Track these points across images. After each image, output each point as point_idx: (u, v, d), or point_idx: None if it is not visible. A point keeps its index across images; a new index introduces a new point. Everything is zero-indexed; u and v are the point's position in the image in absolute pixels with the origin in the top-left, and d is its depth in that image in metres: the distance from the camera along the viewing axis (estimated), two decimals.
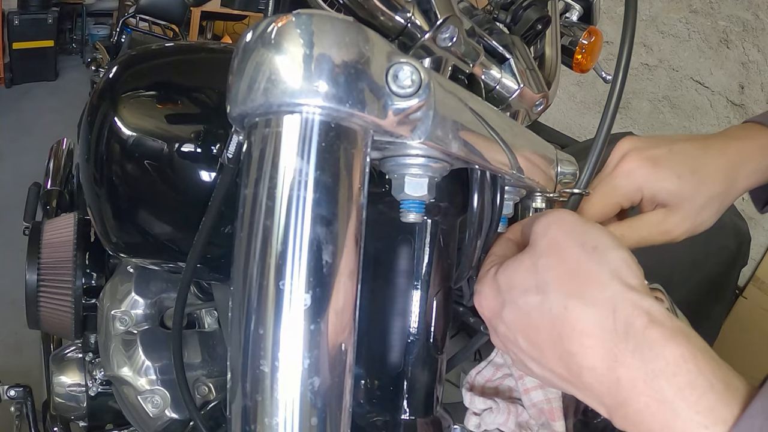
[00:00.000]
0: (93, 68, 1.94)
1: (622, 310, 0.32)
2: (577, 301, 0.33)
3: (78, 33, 4.70)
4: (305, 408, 0.29)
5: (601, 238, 0.35)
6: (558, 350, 0.35)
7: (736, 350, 1.91)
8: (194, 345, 0.70)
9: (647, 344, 0.31)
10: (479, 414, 0.45)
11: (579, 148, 1.88)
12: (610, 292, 0.33)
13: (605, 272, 0.34)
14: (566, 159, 0.53)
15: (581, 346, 0.33)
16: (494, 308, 0.39)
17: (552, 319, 0.34)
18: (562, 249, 0.35)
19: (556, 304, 0.34)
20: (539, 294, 0.35)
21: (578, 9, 0.73)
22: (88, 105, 0.54)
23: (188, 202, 0.51)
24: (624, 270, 0.34)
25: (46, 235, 0.85)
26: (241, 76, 0.30)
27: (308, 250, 0.29)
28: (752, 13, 2.03)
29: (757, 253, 2.02)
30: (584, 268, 0.34)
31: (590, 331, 0.33)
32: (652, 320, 0.31)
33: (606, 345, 0.32)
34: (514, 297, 0.37)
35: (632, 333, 0.31)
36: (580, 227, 0.36)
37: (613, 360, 0.32)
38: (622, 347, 0.32)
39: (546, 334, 0.35)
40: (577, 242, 0.35)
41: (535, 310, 0.35)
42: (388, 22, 0.41)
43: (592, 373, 0.33)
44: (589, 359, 0.33)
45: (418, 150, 0.35)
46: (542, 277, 0.35)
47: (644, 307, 0.32)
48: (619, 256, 0.34)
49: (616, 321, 0.32)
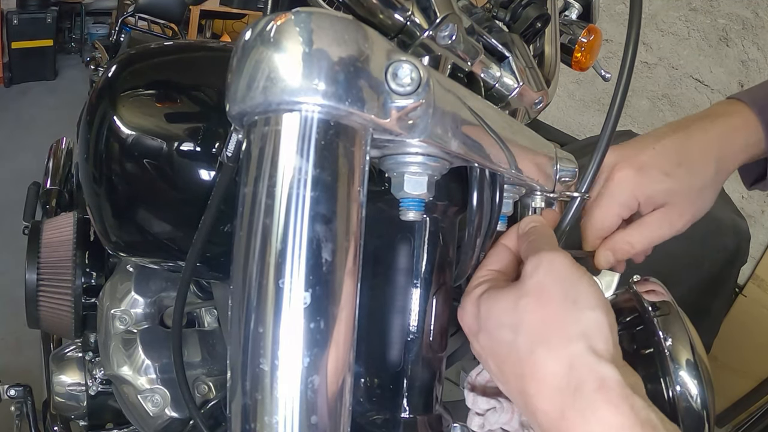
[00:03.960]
0: (92, 67, 1.93)
1: (578, 369, 0.34)
2: (542, 349, 0.35)
3: (77, 32, 4.69)
4: (305, 406, 0.29)
5: (583, 294, 0.36)
6: (519, 386, 0.37)
7: (736, 348, 1.91)
8: (194, 344, 0.70)
9: (591, 407, 0.33)
10: (482, 414, 0.45)
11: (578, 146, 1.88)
12: (572, 349, 0.35)
13: (576, 330, 0.35)
14: (565, 157, 0.53)
15: (538, 391, 0.35)
16: (472, 328, 0.42)
17: (518, 359, 0.37)
18: (543, 295, 0.37)
19: (524, 347, 0.36)
20: (512, 333, 0.37)
21: (577, 7, 0.73)
22: (87, 104, 0.54)
23: (188, 200, 0.51)
24: (595, 332, 0.35)
25: (46, 234, 0.85)
26: (240, 74, 0.30)
27: (308, 249, 0.29)
28: (752, 11, 2.02)
29: (756, 251, 2.02)
30: (558, 319, 0.36)
31: (547, 380, 0.35)
32: (602, 386, 0.33)
33: (557, 397, 0.34)
34: (489, 327, 0.39)
35: (580, 393, 0.33)
36: (568, 275, 0.37)
37: (561, 413, 0.34)
38: (569, 403, 0.34)
39: (511, 368, 0.37)
40: (559, 291, 0.37)
41: (505, 345, 0.38)
42: (388, 20, 0.41)
43: (545, 416, 0.35)
44: (543, 404, 0.35)
45: (418, 148, 0.35)
46: (519, 317, 0.37)
47: (600, 371, 0.33)
48: (593, 318, 0.36)
49: (570, 378, 0.34)
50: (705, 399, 0.48)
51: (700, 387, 0.48)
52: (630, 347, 0.53)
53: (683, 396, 0.48)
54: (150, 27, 2.33)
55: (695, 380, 0.48)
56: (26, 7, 3.89)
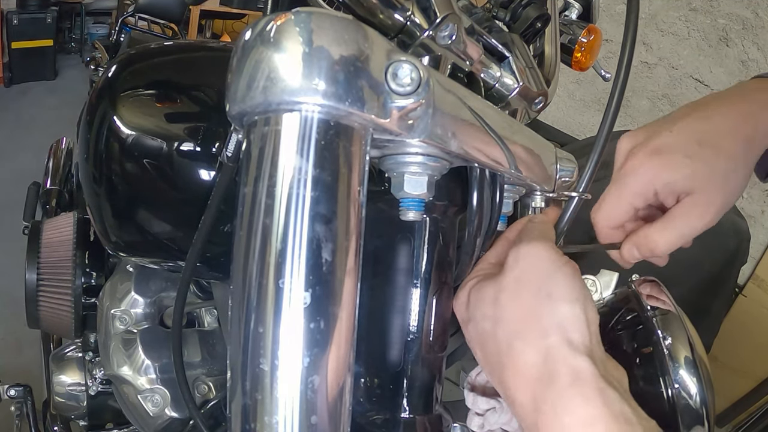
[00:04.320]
0: (92, 67, 1.93)
1: (552, 361, 0.34)
2: (519, 342, 0.36)
3: (77, 32, 4.69)
4: (305, 406, 0.29)
5: (559, 287, 0.37)
6: (499, 377, 0.38)
7: (736, 348, 1.91)
8: (194, 344, 0.70)
9: (564, 399, 0.33)
10: (482, 414, 0.45)
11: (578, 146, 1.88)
12: (547, 342, 0.35)
13: (551, 322, 0.36)
14: (565, 157, 0.53)
15: (514, 382, 0.36)
16: (463, 317, 0.43)
17: (498, 350, 0.38)
18: (521, 288, 0.38)
19: (503, 339, 0.37)
20: (493, 324, 0.39)
21: (577, 7, 0.73)
22: (88, 104, 0.54)
23: (188, 200, 0.51)
24: (570, 325, 0.36)
25: (46, 234, 0.85)
26: (240, 74, 0.30)
27: (308, 249, 0.29)
28: (752, 11, 2.02)
29: (756, 251, 2.02)
30: (534, 313, 0.37)
31: (523, 372, 0.36)
32: (576, 378, 0.33)
33: (531, 388, 0.35)
34: (476, 318, 0.41)
35: (554, 385, 0.34)
36: (545, 269, 0.38)
37: (534, 405, 0.34)
38: (543, 395, 0.34)
39: (493, 360, 0.39)
40: (536, 285, 0.37)
41: (488, 335, 0.39)
42: (388, 20, 0.41)
43: (521, 408, 0.36)
44: (519, 395, 0.36)
45: (418, 148, 0.36)
46: (499, 311, 0.38)
47: (574, 364, 0.34)
48: (569, 310, 0.36)
49: (544, 370, 0.35)
50: (704, 398, 0.48)
51: (699, 386, 0.48)
52: (629, 346, 0.53)
53: (682, 395, 0.48)
54: (150, 27, 2.34)
55: (694, 378, 0.48)
56: (26, 7, 3.89)
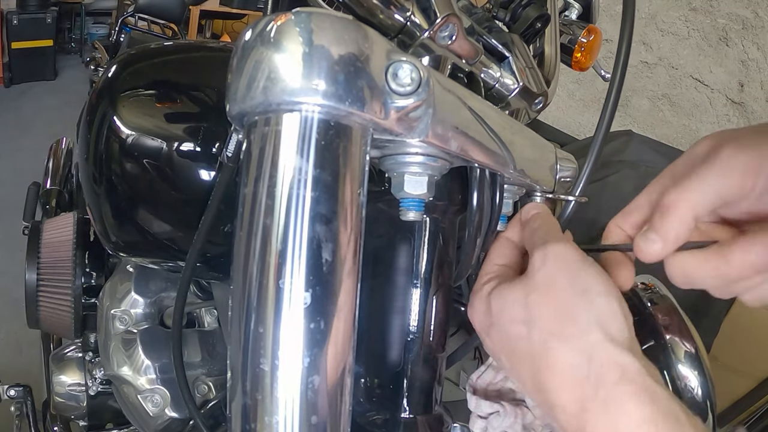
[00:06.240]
0: (92, 67, 1.93)
1: (598, 360, 0.33)
2: (557, 342, 0.34)
3: (77, 32, 4.70)
4: (305, 406, 0.29)
5: (593, 282, 0.36)
6: (535, 382, 0.36)
7: (736, 348, 1.91)
8: (194, 344, 0.70)
9: (614, 399, 0.32)
10: (485, 417, 0.45)
11: (578, 146, 1.88)
12: (589, 339, 0.34)
13: (590, 319, 0.34)
14: (565, 157, 0.53)
15: (555, 385, 0.34)
16: (483, 325, 0.40)
17: (533, 353, 0.36)
18: (553, 287, 0.36)
19: (538, 340, 0.35)
20: (525, 327, 0.36)
21: (577, 7, 0.73)
22: (87, 104, 0.54)
23: (188, 200, 0.51)
24: (609, 319, 0.34)
25: (46, 234, 0.85)
26: (240, 74, 0.30)
27: (308, 249, 0.29)
28: (752, 11, 2.02)
29: None
30: (571, 310, 0.35)
31: (565, 373, 0.34)
32: (623, 376, 0.32)
33: (577, 390, 0.33)
34: (502, 322, 0.38)
35: (602, 385, 0.32)
36: (576, 266, 0.36)
37: (582, 406, 0.33)
38: (591, 396, 0.32)
39: (527, 364, 0.36)
40: (569, 282, 0.36)
41: (519, 340, 0.37)
42: (388, 20, 0.41)
43: (563, 412, 0.34)
44: (561, 399, 0.34)
45: (418, 148, 0.35)
46: (530, 312, 0.36)
47: (619, 361, 0.33)
48: (607, 304, 0.35)
49: (590, 369, 0.33)
50: (707, 390, 0.48)
51: (701, 378, 0.48)
52: None
53: (686, 388, 0.48)
54: (150, 27, 2.34)
55: (696, 371, 0.48)
56: (26, 7, 3.90)
